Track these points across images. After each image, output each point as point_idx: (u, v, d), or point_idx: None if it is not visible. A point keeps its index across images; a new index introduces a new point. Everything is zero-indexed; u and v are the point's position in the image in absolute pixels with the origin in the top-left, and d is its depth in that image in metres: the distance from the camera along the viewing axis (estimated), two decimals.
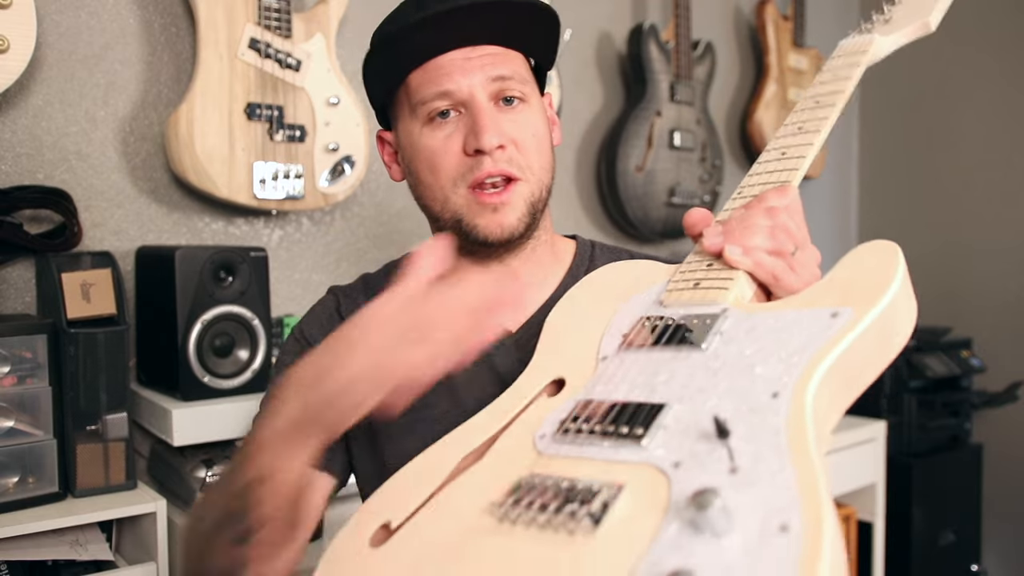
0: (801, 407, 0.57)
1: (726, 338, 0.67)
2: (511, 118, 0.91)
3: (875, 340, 0.64)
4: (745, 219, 0.75)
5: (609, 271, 0.88)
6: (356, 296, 1.04)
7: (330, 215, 1.95)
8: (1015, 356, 2.68)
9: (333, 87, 1.76)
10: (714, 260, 0.75)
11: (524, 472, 0.63)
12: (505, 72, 0.91)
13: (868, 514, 2.25)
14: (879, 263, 0.68)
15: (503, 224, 0.90)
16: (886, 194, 3.09)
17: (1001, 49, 2.74)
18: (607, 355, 0.73)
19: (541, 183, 0.94)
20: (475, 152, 0.89)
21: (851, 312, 0.63)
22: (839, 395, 0.63)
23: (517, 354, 0.95)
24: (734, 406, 0.60)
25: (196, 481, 1.43)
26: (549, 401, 0.72)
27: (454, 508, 0.64)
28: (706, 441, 0.57)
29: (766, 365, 0.62)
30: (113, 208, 1.68)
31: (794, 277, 0.73)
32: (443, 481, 0.68)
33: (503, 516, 0.59)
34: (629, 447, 0.60)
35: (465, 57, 0.90)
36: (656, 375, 0.67)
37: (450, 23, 0.88)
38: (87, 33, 1.64)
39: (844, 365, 0.61)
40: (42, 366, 1.34)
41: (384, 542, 0.64)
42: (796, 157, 0.82)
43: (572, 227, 2.37)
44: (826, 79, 0.91)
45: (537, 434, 0.67)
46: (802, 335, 0.63)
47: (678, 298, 0.74)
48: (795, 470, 0.52)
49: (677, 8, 2.36)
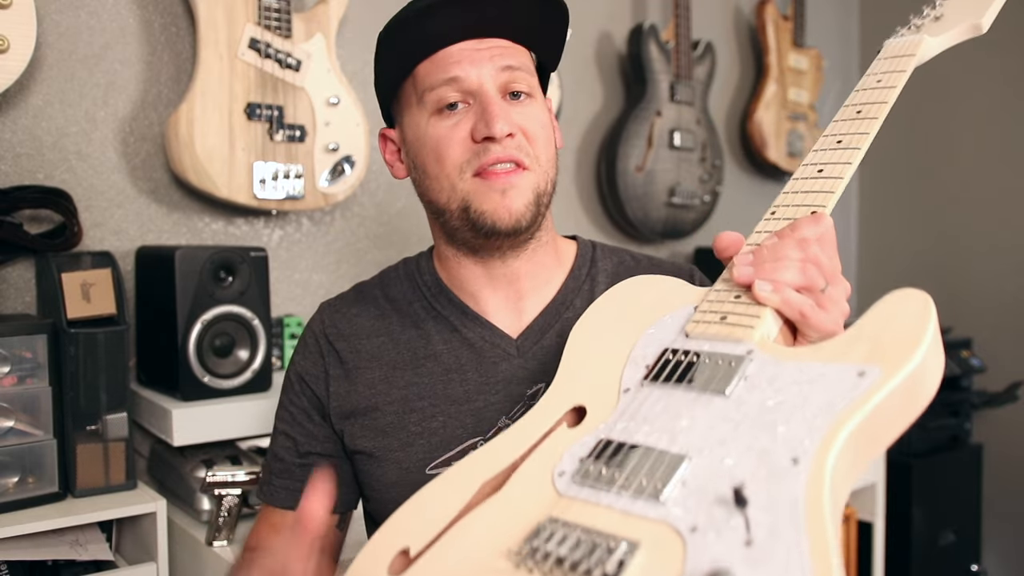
0: (820, 475, 0.56)
1: (750, 384, 0.66)
2: (519, 110, 0.91)
3: (902, 399, 0.62)
4: (776, 250, 0.73)
5: (635, 285, 0.87)
6: (347, 308, 1.03)
7: (330, 215, 1.95)
8: (1015, 356, 2.68)
9: (333, 87, 1.76)
10: (742, 291, 0.74)
11: (542, 515, 0.63)
12: (513, 63, 0.91)
13: (868, 514, 2.25)
14: (910, 317, 0.65)
15: (511, 208, 0.89)
16: (886, 194, 3.09)
17: (1002, 49, 2.74)
18: (629, 387, 0.72)
19: (547, 176, 0.94)
20: (484, 139, 0.88)
21: (879, 372, 0.61)
22: (863, 452, 0.62)
23: (519, 360, 0.95)
24: (753, 468, 0.59)
25: (196, 481, 1.43)
26: (570, 432, 0.71)
27: (472, 544, 0.64)
28: (723, 506, 0.57)
29: (788, 424, 0.61)
30: (113, 208, 1.68)
31: (823, 315, 0.71)
32: (463, 508, 0.68)
33: (520, 563, 0.59)
34: (647, 501, 0.60)
35: (475, 48, 0.90)
36: (678, 419, 0.66)
37: (460, 13, 0.88)
38: (87, 33, 1.64)
39: (869, 426, 0.60)
40: (42, 366, 1.34)
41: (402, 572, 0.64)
42: (833, 178, 0.79)
43: (572, 227, 2.37)
44: (871, 85, 0.87)
45: (557, 470, 0.67)
46: (827, 393, 0.62)
47: (704, 331, 0.73)
48: (810, 548, 0.52)
49: (677, 8, 2.36)
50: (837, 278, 0.74)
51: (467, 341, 0.96)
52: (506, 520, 0.64)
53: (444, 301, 0.99)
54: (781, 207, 0.80)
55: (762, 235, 0.78)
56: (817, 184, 0.80)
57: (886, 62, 0.90)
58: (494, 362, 0.95)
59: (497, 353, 0.95)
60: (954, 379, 2.56)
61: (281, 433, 1.02)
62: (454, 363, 0.96)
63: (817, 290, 0.72)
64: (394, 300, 1.02)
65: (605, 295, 0.87)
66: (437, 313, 0.99)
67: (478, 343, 0.96)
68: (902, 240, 3.04)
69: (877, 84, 0.87)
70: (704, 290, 0.79)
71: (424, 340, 0.97)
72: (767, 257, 0.73)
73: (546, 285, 0.99)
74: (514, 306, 0.97)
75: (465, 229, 0.92)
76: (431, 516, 0.68)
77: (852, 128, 0.84)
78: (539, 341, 0.95)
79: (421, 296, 1.00)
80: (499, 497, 0.67)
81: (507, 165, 0.89)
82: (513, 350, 0.95)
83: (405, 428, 0.95)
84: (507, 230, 0.90)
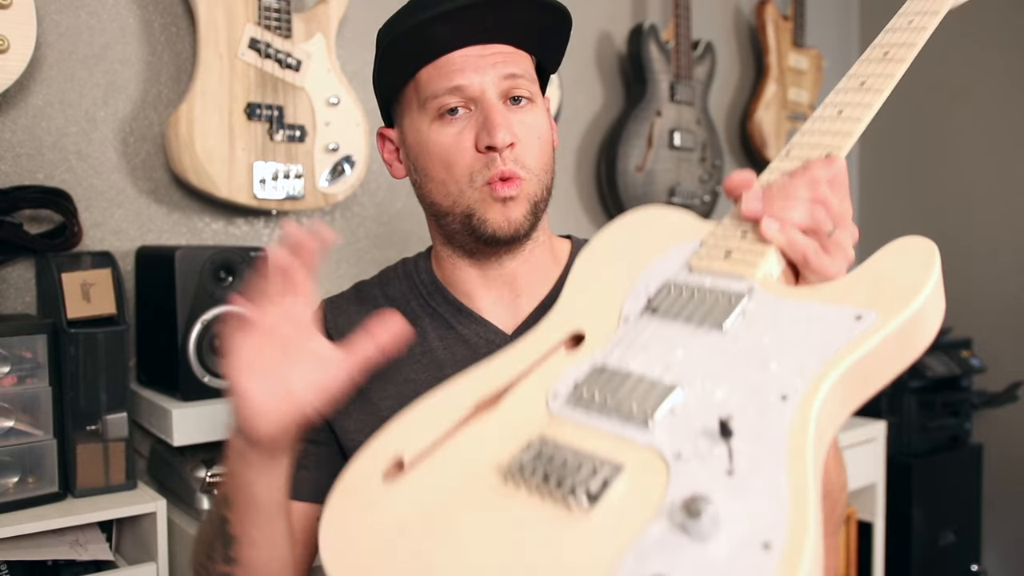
0: (807, 414, 0.57)
1: (747, 321, 0.67)
2: (519, 118, 0.92)
3: (896, 345, 0.63)
4: (786, 188, 0.73)
5: (641, 216, 0.86)
6: (347, 306, 1.03)
7: (330, 215, 1.95)
8: (1015, 356, 2.68)
9: (333, 87, 1.76)
10: (749, 228, 0.74)
11: (534, 434, 0.64)
12: (516, 71, 0.91)
13: (868, 514, 2.25)
14: (914, 264, 0.66)
15: (510, 218, 0.91)
16: (886, 193, 3.09)
17: (1002, 47, 2.74)
18: (629, 316, 0.73)
19: (542, 183, 0.94)
20: (487, 148, 0.89)
21: (875, 317, 0.62)
22: (852, 394, 0.63)
23: None
24: (742, 402, 0.60)
25: (196, 481, 1.43)
26: (567, 356, 0.73)
27: (465, 458, 0.66)
28: (709, 436, 0.58)
29: (780, 361, 0.62)
30: (113, 208, 1.68)
31: (826, 260, 0.71)
32: (457, 422, 0.69)
33: (508, 477, 0.61)
34: (636, 427, 0.61)
35: (478, 54, 0.90)
36: (673, 349, 0.67)
37: (465, 19, 0.88)
38: (87, 33, 1.64)
39: (860, 369, 0.61)
40: (42, 366, 1.34)
41: (395, 479, 0.66)
42: (852, 119, 0.78)
43: (572, 227, 2.37)
44: (901, 25, 0.85)
45: (551, 392, 0.68)
46: (822, 334, 0.63)
47: (708, 266, 0.73)
48: (788, 482, 0.53)
49: (677, 8, 2.36)
50: (846, 222, 0.73)
51: (462, 337, 0.97)
52: (499, 437, 0.66)
53: (440, 299, 1.00)
54: (797, 146, 0.79)
55: (775, 174, 0.78)
56: (836, 125, 0.79)
57: (920, 2, 0.87)
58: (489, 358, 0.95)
59: (492, 349, 0.95)
60: (954, 379, 2.56)
61: None
62: (449, 359, 0.96)
63: (824, 233, 0.71)
64: (392, 299, 1.02)
65: (613, 224, 0.87)
66: (432, 310, 0.99)
67: (473, 339, 0.96)
68: None
69: (908, 25, 0.85)
70: (712, 224, 0.79)
71: (420, 337, 0.98)
72: (776, 195, 0.73)
73: (541, 283, 0.99)
74: (509, 304, 0.98)
75: (464, 233, 0.93)
76: (426, 428, 0.69)
77: (877, 70, 0.82)
78: None
79: (418, 294, 1.01)
80: (494, 415, 0.69)
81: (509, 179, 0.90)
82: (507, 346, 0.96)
83: None
84: (505, 239, 0.92)
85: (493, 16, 0.89)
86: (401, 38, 0.91)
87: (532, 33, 0.93)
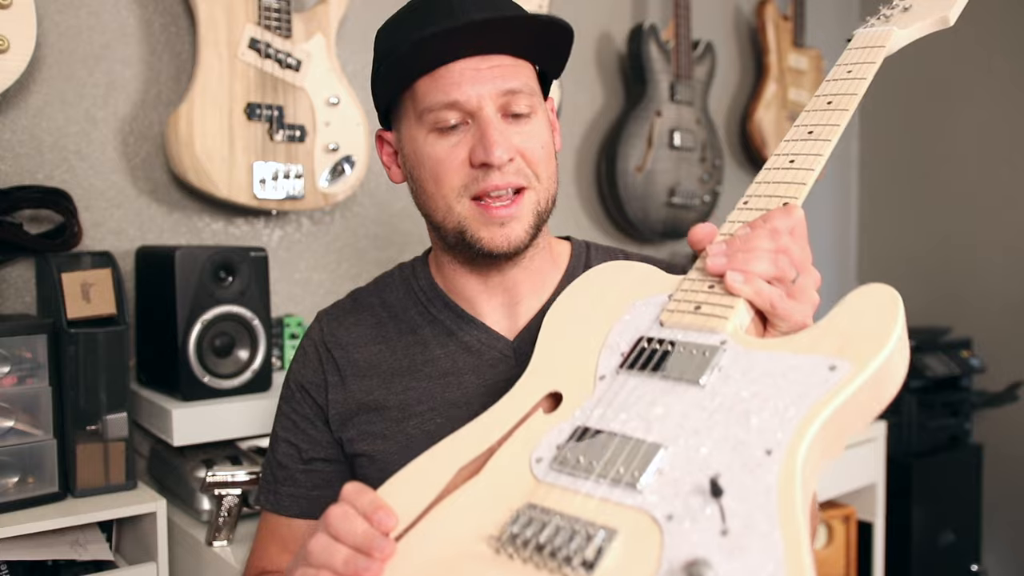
0: (792, 467, 0.58)
1: (723, 375, 0.68)
2: (519, 131, 0.90)
3: (869, 393, 0.64)
4: (749, 240, 0.74)
5: (608, 271, 0.87)
6: (344, 317, 1.03)
7: (330, 215, 1.95)
8: (1015, 356, 2.68)
9: (333, 87, 1.76)
10: (715, 282, 0.75)
11: (521, 501, 0.64)
12: (515, 85, 0.89)
13: (868, 514, 2.25)
14: (879, 312, 0.67)
15: (510, 238, 0.90)
16: (887, 194, 3.09)
17: (1002, 48, 2.74)
18: (605, 374, 0.73)
19: (548, 192, 0.94)
20: (482, 165, 0.88)
21: (848, 367, 0.63)
22: (832, 444, 0.64)
23: (516, 362, 0.95)
24: (728, 460, 0.60)
25: (196, 481, 1.43)
26: (547, 418, 0.72)
27: (452, 529, 0.65)
28: (699, 495, 0.58)
29: (761, 416, 0.63)
30: (113, 208, 1.68)
31: (792, 306, 0.73)
32: (440, 492, 0.68)
33: (500, 548, 0.60)
34: (624, 489, 0.61)
35: (475, 67, 0.88)
36: (653, 407, 0.67)
37: (463, 29, 0.86)
38: (87, 33, 1.64)
39: (839, 418, 0.62)
40: (42, 366, 1.34)
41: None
42: (805, 169, 0.81)
43: (572, 227, 2.37)
44: (841, 75, 0.89)
45: (534, 456, 0.68)
46: (799, 385, 0.64)
47: (679, 320, 0.74)
48: (782, 537, 0.54)
49: (677, 8, 2.36)
50: (808, 268, 0.75)
51: (464, 344, 0.96)
52: (485, 505, 0.65)
53: (440, 305, 0.99)
54: (753, 197, 0.81)
55: (735, 225, 0.79)
56: (789, 175, 0.81)
57: (856, 52, 0.91)
58: (491, 364, 0.95)
59: (494, 356, 0.95)
60: (954, 379, 2.56)
61: (283, 441, 1.02)
62: (451, 367, 0.96)
63: (788, 280, 0.73)
64: (391, 307, 1.02)
65: (579, 280, 0.87)
66: (433, 318, 0.99)
67: (475, 346, 0.96)
68: (902, 240, 3.04)
69: (848, 75, 0.88)
70: (679, 278, 0.80)
71: (421, 346, 0.98)
72: (739, 247, 0.74)
73: (542, 288, 0.99)
74: (510, 310, 0.98)
75: (462, 247, 0.93)
76: (409, 500, 0.68)
77: (823, 119, 0.85)
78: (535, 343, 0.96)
79: (417, 301, 1.01)
80: (477, 482, 0.68)
81: (506, 193, 0.89)
82: (509, 352, 0.95)
83: (404, 432, 0.95)
84: (504, 255, 0.92)
85: (493, 33, 0.87)
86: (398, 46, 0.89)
87: (532, 44, 0.92)
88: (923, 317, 2.80)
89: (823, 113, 0.86)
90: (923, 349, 2.50)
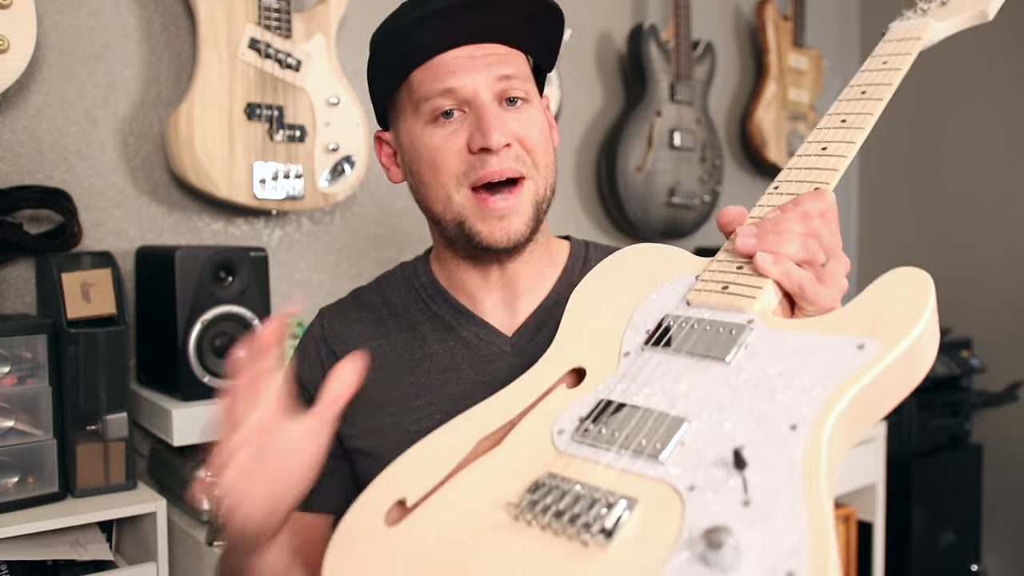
0: (818, 443, 0.57)
1: (750, 352, 0.67)
2: (516, 117, 0.90)
3: (899, 373, 0.63)
4: (779, 223, 0.74)
5: (636, 252, 0.87)
6: (345, 314, 1.03)
7: (330, 215, 1.95)
8: (1015, 356, 2.68)
9: (333, 87, 1.76)
10: (744, 263, 0.75)
11: (542, 471, 0.63)
12: (510, 71, 0.90)
13: (868, 514, 2.25)
14: (911, 294, 0.67)
15: (509, 232, 0.90)
16: (887, 194, 3.09)
17: (1002, 48, 2.74)
18: (629, 351, 0.73)
19: (547, 181, 0.94)
20: (480, 150, 0.88)
21: (878, 345, 0.63)
22: (858, 424, 0.63)
23: (514, 357, 0.95)
24: (751, 433, 0.60)
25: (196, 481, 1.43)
26: (569, 392, 0.72)
27: (470, 497, 0.65)
28: (722, 467, 0.58)
29: (787, 392, 0.62)
30: (113, 208, 1.68)
31: (821, 290, 0.72)
32: (460, 462, 0.68)
33: (519, 515, 0.60)
34: (646, 460, 0.61)
35: (469, 55, 0.89)
36: (677, 383, 0.67)
37: (456, 19, 0.87)
38: (87, 33, 1.64)
39: (866, 397, 0.61)
40: (42, 366, 1.34)
41: (399, 522, 0.65)
42: (837, 156, 0.80)
43: (572, 227, 2.37)
44: (876, 66, 0.88)
45: (556, 428, 0.68)
46: (826, 364, 0.63)
47: (705, 299, 0.74)
48: (807, 510, 0.53)
49: (677, 8, 2.36)
50: (838, 253, 0.74)
51: (463, 340, 0.97)
52: (504, 475, 0.65)
53: (440, 301, 0.99)
54: (784, 182, 0.81)
55: (765, 209, 0.79)
56: (821, 161, 0.81)
57: (892, 44, 0.90)
58: (489, 360, 0.95)
59: (492, 351, 0.95)
60: (954, 379, 2.56)
61: None
62: (450, 362, 0.96)
63: (817, 264, 0.72)
64: (391, 304, 1.02)
65: (607, 260, 0.87)
66: (433, 314, 0.99)
67: (473, 341, 0.96)
68: (902, 240, 3.04)
69: (883, 66, 0.88)
70: (706, 260, 0.80)
71: (420, 341, 0.98)
72: (770, 229, 0.74)
73: (541, 284, 0.99)
74: (509, 306, 0.98)
75: (462, 240, 0.93)
76: (428, 469, 0.68)
77: (856, 108, 0.85)
78: (534, 338, 0.96)
79: (417, 298, 1.01)
80: (497, 452, 0.68)
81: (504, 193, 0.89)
82: (508, 347, 0.96)
83: (403, 427, 0.95)
84: (504, 249, 0.91)
85: (484, 15, 0.88)
86: (392, 39, 0.90)
87: (524, 31, 0.92)
88: None
89: (857, 103, 0.85)
90: None
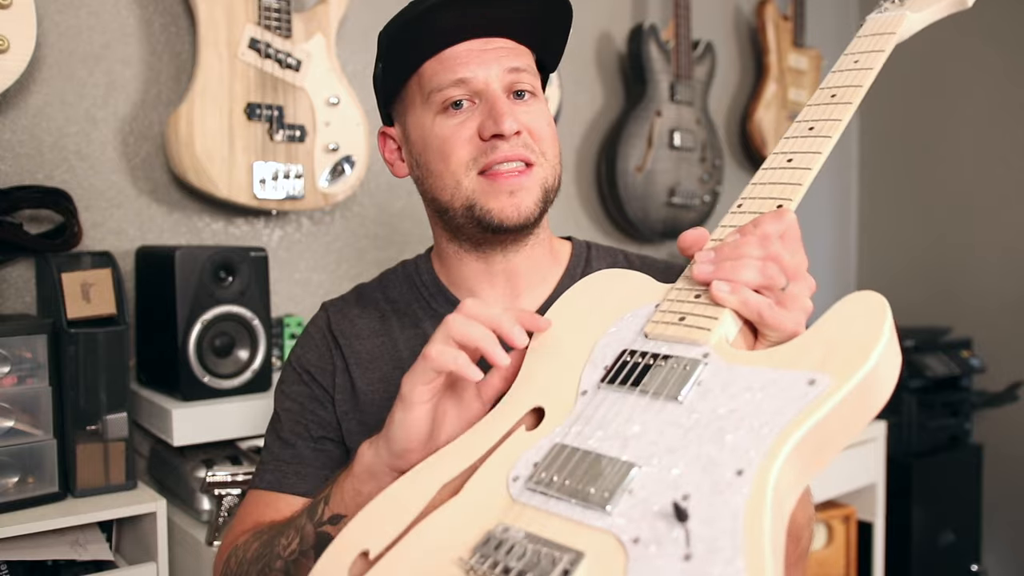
0: (763, 488, 0.56)
1: (703, 390, 0.66)
2: (525, 109, 0.92)
3: (853, 406, 0.61)
4: (737, 247, 0.72)
5: (602, 279, 0.85)
6: (348, 309, 1.03)
7: (330, 215, 1.95)
8: (1015, 356, 2.68)
9: (333, 87, 1.76)
10: (702, 291, 0.73)
11: (494, 521, 0.63)
12: (519, 64, 0.92)
13: (868, 514, 2.25)
14: (865, 321, 0.64)
15: (520, 207, 0.90)
16: (887, 194, 3.09)
17: (1001, 47, 2.74)
18: (587, 389, 0.72)
19: (554, 171, 0.95)
20: (491, 137, 0.89)
21: (828, 381, 0.60)
22: (814, 459, 0.61)
23: None
24: (698, 480, 0.59)
25: (196, 481, 1.43)
26: (528, 435, 0.71)
27: (428, 549, 0.64)
28: (666, 518, 0.57)
29: (736, 432, 0.61)
30: (113, 208, 1.68)
31: (782, 315, 0.70)
32: (421, 511, 0.68)
33: (469, 571, 0.60)
34: (594, 511, 0.60)
35: (481, 48, 0.91)
36: (630, 424, 0.66)
37: (468, 10, 0.88)
38: (87, 33, 1.64)
39: (818, 434, 0.60)
40: (42, 366, 1.34)
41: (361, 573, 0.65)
42: (803, 169, 0.77)
43: (572, 227, 2.37)
44: (847, 66, 0.84)
45: (511, 475, 0.67)
46: (777, 401, 0.61)
47: (662, 332, 0.72)
48: (746, 565, 0.52)
49: (677, 8, 2.36)
50: (800, 274, 0.72)
51: None
52: (461, 524, 0.65)
53: (442, 300, 1.00)
54: (748, 199, 0.78)
55: (727, 230, 0.77)
56: (786, 175, 0.78)
57: (865, 40, 0.86)
58: None
59: None
60: (954, 379, 2.56)
61: (289, 420, 1.01)
62: None
63: (777, 288, 0.70)
64: (394, 302, 1.02)
65: (570, 291, 0.86)
66: (435, 312, 0.99)
67: None
68: (903, 240, 3.04)
69: (855, 65, 0.84)
70: (667, 286, 0.78)
71: (422, 339, 0.98)
72: (727, 255, 0.72)
73: (542, 283, 0.99)
74: (511, 303, 0.98)
75: (470, 226, 0.93)
76: (391, 518, 0.68)
77: (824, 114, 0.81)
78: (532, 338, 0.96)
79: (419, 296, 1.01)
80: (457, 501, 0.68)
81: (515, 164, 0.90)
82: (507, 349, 0.96)
83: None
84: (514, 227, 0.91)
85: (495, 10, 0.90)
86: (405, 29, 0.91)
87: (534, 28, 0.94)
88: (923, 317, 2.80)
89: (826, 107, 0.82)
90: (923, 349, 2.50)
